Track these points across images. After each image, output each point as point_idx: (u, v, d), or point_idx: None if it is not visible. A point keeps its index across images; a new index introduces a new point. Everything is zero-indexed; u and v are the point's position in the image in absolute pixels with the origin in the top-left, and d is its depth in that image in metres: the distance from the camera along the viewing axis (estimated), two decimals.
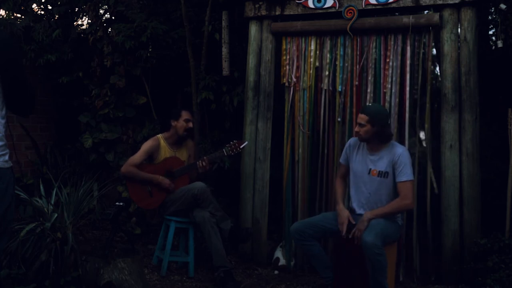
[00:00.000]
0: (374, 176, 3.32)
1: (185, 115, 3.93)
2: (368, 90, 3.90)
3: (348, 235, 3.19)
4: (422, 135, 4.25)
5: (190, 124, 3.95)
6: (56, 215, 3.17)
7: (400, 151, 3.29)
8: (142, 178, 3.79)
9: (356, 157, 3.44)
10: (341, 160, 3.60)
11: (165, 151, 3.92)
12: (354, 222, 3.23)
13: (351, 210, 3.41)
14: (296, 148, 4.14)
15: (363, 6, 3.86)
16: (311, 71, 4.09)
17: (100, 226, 4.78)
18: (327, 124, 4.05)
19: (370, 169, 3.34)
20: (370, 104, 3.68)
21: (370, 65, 3.90)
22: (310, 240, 3.34)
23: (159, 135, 3.99)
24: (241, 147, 3.84)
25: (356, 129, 3.34)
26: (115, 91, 4.89)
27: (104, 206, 4.70)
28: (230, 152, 3.82)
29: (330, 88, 4.03)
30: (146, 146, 3.89)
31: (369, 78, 3.90)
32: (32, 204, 3.32)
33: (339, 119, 4.00)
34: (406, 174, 3.24)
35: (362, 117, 3.30)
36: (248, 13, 4.23)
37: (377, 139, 3.33)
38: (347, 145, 3.56)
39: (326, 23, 4.01)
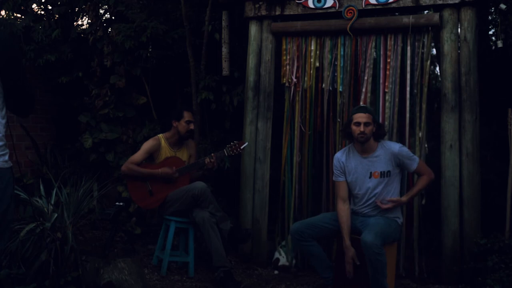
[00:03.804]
0: (377, 178, 3.30)
1: (187, 116, 3.92)
2: (367, 90, 3.90)
3: (352, 275, 3.17)
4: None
5: (192, 126, 3.95)
6: (56, 215, 3.17)
7: (397, 147, 3.33)
8: (143, 175, 3.80)
9: (351, 165, 3.38)
10: (338, 178, 3.42)
11: (166, 151, 3.92)
12: (358, 263, 3.16)
13: (356, 213, 3.39)
14: (296, 148, 4.14)
15: (363, 6, 3.87)
16: (311, 71, 4.09)
17: (100, 226, 4.78)
18: (326, 124, 4.05)
19: (371, 172, 3.32)
20: (362, 105, 3.66)
21: (368, 64, 3.90)
22: (309, 240, 3.34)
23: (160, 135, 3.99)
24: (242, 147, 3.86)
25: (362, 128, 3.25)
26: (115, 91, 4.89)
27: (104, 206, 4.70)
28: (231, 152, 3.84)
29: (330, 88, 4.03)
30: (147, 145, 3.90)
31: (368, 78, 3.90)
32: (32, 204, 3.31)
33: (338, 120, 4.00)
34: (414, 159, 3.32)
35: (366, 116, 3.27)
36: (248, 13, 4.22)
37: (373, 138, 3.33)
38: (336, 161, 3.43)
39: (326, 23, 4.01)
